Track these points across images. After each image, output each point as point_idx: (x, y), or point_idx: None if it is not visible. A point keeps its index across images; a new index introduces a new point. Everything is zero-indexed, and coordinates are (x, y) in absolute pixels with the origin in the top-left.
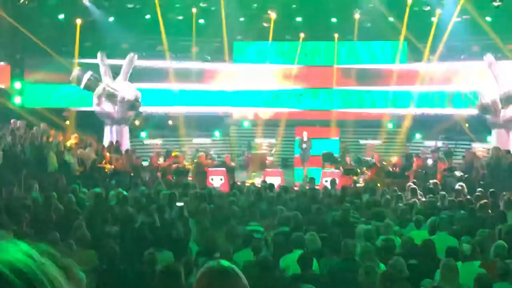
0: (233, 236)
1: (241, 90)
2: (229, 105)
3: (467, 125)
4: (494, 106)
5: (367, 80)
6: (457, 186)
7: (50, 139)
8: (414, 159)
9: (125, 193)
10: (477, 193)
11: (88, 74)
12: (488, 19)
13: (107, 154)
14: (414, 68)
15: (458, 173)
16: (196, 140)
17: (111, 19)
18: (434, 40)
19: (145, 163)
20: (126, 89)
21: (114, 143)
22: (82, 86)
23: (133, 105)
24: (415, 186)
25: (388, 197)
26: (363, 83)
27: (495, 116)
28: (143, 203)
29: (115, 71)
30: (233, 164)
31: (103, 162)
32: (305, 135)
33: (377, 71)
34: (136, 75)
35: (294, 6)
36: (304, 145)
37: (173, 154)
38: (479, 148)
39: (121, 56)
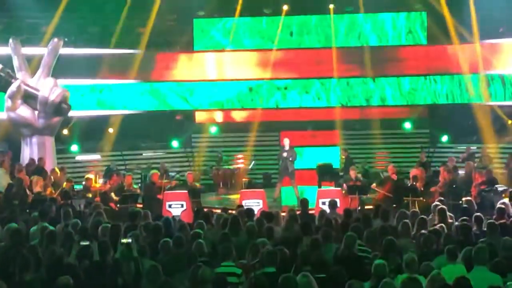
0: (200, 281)
1: (205, 83)
2: (190, 105)
3: (510, 122)
4: None
5: (375, 66)
6: (498, 204)
7: None
8: (441, 170)
9: (51, 228)
10: None
11: None
12: None
13: (26, 176)
14: (437, 48)
15: (500, 187)
16: (146, 154)
17: None
18: (461, 9)
19: (78, 187)
20: (50, 87)
21: (36, 160)
22: None
23: (59, 108)
24: (443, 206)
25: (407, 222)
26: (370, 70)
27: None
28: (76, 241)
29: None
30: (197, 184)
31: (22, 187)
32: (286, 142)
33: (388, 53)
34: (62, 68)
35: None
36: (284, 154)
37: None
38: None
39: (41, 43)
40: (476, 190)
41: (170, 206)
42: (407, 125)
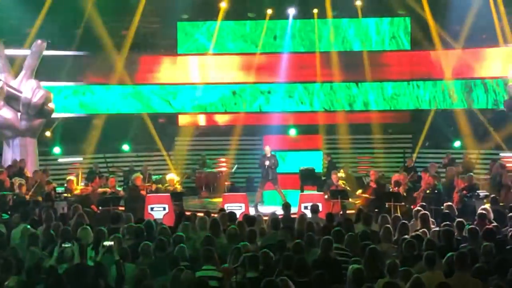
0: (181, 284)
1: (189, 87)
2: (173, 108)
3: (491, 128)
4: None
5: (358, 70)
6: (479, 210)
7: None
8: (422, 175)
9: (33, 230)
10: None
11: None
12: None
13: (7, 178)
14: (420, 53)
15: (481, 193)
16: (129, 156)
17: None
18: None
19: (60, 189)
20: (32, 89)
21: (18, 162)
22: None
23: (42, 110)
24: (425, 212)
25: (389, 227)
26: (353, 74)
27: None
28: (58, 243)
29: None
30: (180, 187)
31: (3, 188)
32: (267, 150)
33: (371, 58)
34: (45, 70)
35: None
36: (267, 162)
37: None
38: (508, 159)
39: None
40: (458, 196)
41: (152, 209)
42: (390, 130)
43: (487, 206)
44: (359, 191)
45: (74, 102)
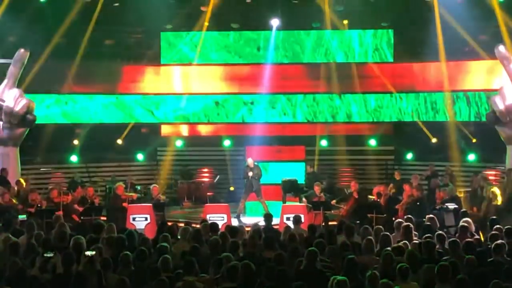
0: None
1: (171, 96)
2: (155, 118)
3: (474, 140)
4: (509, 115)
5: (341, 82)
6: (461, 223)
7: None
8: (405, 187)
9: (15, 239)
10: (493, 232)
11: None
12: None
13: None
14: (403, 66)
15: (450, 205)
16: (111, 167)
17: None
18: (428, 27)
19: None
20: (15, 98)
21: (0, 171)
22: None
23: (24, 119)
24: (408, 223)
25: (371, 239)
26: (335, 86)
27: (511, 128)
28: (39, 253)
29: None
30: (162, 198)
31: None
32: (250, 162)
33: (353, 70)
34: (28, 79)
35: None
36: (250, 173)
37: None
38: (490, 172)
39: (7, 54)
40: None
41: (134, 219)
42: (372, 142)
43: (468, 218)
44: (334, 200)
45: (56, 111)
